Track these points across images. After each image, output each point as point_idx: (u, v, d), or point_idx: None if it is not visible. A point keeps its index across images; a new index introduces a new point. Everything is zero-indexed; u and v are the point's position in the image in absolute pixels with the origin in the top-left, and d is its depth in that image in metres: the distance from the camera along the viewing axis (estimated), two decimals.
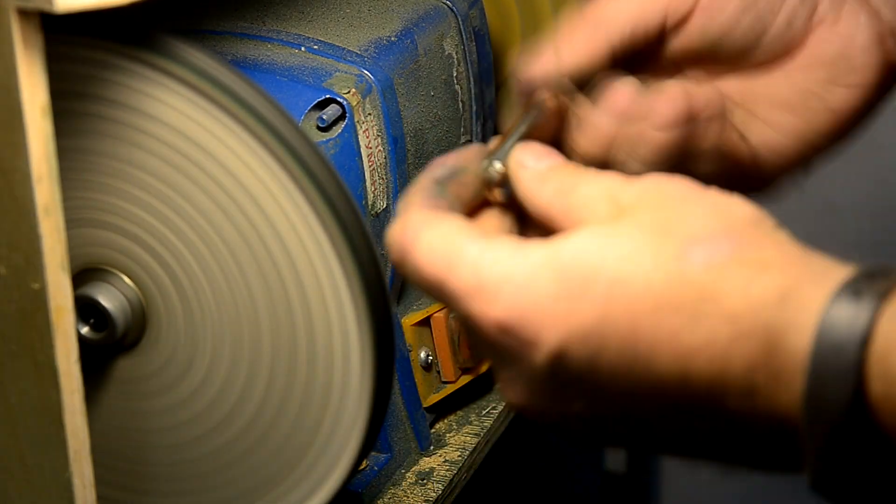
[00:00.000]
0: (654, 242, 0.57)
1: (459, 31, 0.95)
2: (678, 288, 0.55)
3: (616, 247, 0.57)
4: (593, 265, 0.57)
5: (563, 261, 0.57)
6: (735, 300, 0.54)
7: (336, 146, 0.84)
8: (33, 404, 0.66)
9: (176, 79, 0.69)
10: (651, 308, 0.55)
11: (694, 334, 0.55)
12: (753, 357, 0.53)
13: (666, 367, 0.55)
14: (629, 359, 0.56)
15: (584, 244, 0.58)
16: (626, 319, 0.56)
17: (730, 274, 0.55)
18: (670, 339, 0.55)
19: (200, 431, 0.76)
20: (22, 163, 0.61)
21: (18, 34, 0.59)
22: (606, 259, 0.57)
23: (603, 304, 0.56)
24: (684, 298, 0.55)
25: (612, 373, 0.57)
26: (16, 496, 0.68)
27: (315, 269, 0.71)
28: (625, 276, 0.56)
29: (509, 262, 0.58)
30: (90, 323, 0.74)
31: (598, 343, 0.56)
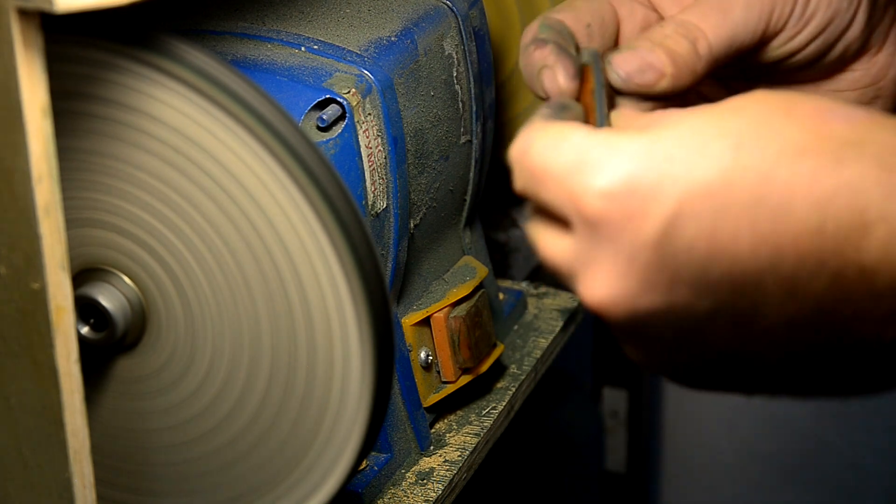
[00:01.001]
0: (785, 108, 0.56)
1: (459, 31, 0.95)
2: (818, 139, 0.54)
3: (744, 112, 0.56)
4: (718, 126, 0.55)
5: (680, 129, 0.56)
6: (881, 147, 0.53)
7: (336, 146, 0.84)
8: (33, 404, 0.66)
9: (176, 79, 0.69)
10: (789, 153, 0.54)
11: (836, 175, 0.53)
12: (882, 241, 0.53)
13: (801, 216, 0.53)
14: (757, 212, 0.54)
15: (705, 115, 0.57)
16: (757, 168, 0.54)
17: (873, 128, 0.54)
18: (810, 182, 0.53)
19: (200, 431, 0.76)
20: (22, 163, 0.61)
21: (18, 34, 0.59)
22: (734, 120, 0.55)
23: (731, 155, 0.54)
24: (825, 145, 0.54)
25: (734, 235, 0.54)
26: (16, 496, 0.68)
27: (315, 269, 0.71)
28: (757, 129, 0.55)
29: (619, 137, 0.57)
30: (90, 323, 0.74)
31: (722, 199, 0.54)
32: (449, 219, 0.99)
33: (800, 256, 0.54)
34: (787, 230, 0.54)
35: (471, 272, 0.98)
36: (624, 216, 0.55)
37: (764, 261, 0.54)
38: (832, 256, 0.53)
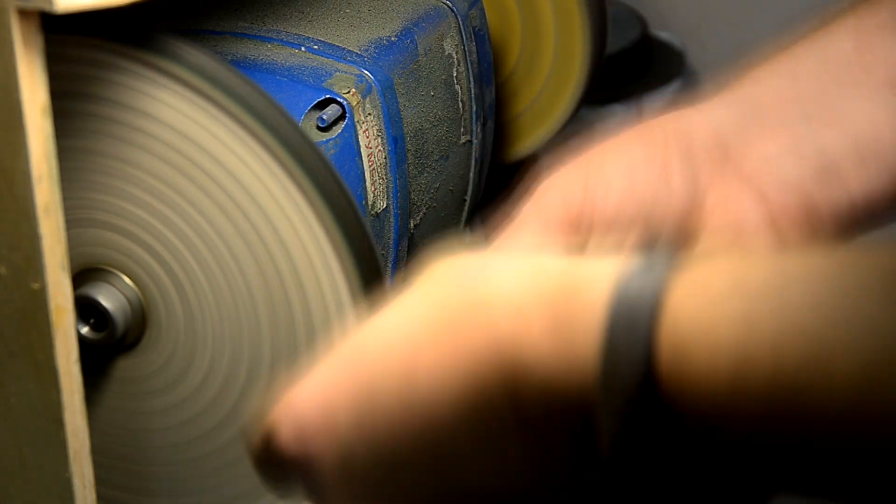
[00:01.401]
0: (410, 296, 0.53)
1: (459, 31, 0.95)
2: (447, 300, 0.51)
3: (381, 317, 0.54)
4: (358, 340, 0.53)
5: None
6: (511, 299, 0.50)
7: (336, 146, 0.84)
8: (33, 404, 0.66)
9: (176, 79, 0.69)
10: (425, 331, 0.51)
11: (475, 337, 0.49)
12: (544, 346, 0.48)
13: (452, 377, 0.50)
14: (407, 385, 0.51)
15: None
16: (403, 356, 0.51)
17: (501, 280, 0.51)
18: (452, 353, 0.50)
19: (200, 431, 0.76)
20: (22, 163, 0.61)
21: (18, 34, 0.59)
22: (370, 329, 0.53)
23: (378, 353, 0.52)
24: (457, 309, 0.50)
25: (389, 421, 0.51)
26: (16, 496, 0.68)
27: (315, 268, 0.71)
28: (388, 322, 0.53)
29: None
30: (90, 323, 0.74)
31: (366, 402, 0.51)
32: (449, 219, 0.99)
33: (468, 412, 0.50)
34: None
35: None
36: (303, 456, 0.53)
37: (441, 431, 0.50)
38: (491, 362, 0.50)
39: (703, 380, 0.45)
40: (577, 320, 0.48)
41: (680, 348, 0.46)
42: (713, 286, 0.47)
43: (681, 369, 0.46)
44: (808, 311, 0.45)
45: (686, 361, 0.46)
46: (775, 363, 0.44)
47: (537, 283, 0.50)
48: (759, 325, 0.45)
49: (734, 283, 0.46)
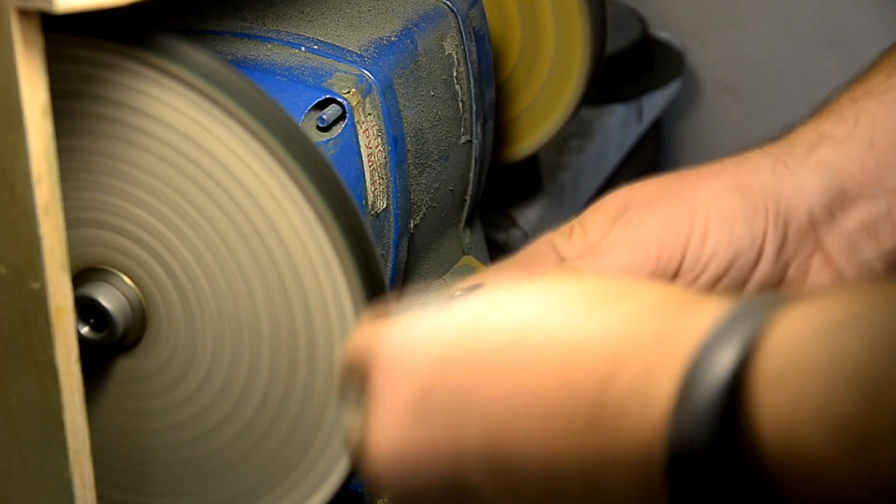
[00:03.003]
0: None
1: (459, 31, 0.95)
2: (572, 297, 0.51)
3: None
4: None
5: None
6: (641, 301, 0.50)
7: (336, 146, 0.84)
8: (33, 404, 0.66)
9: (176, 79, 0.69)
10: (543, 310, 0.52)
11: (585, 326, 0.50)
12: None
13: (551, 366, 0.50)
14: (504, 366, 0.51)
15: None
16: (504, 326, 0.52)
17: (636, 286, 0.51)
18: (559, 334, 0.50)
19: (200, 431, 0.76)
20: (22, 163, 0.61)
21: (18, 34, 0.59)
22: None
23: (474, 318, 0.53)
24: (578, 302, 0.51)
25: (481, 393, 0.51)
26: (16, 496, 0.68)
27: (315, 269, 0.71)
28: (512, 293, 0.53)
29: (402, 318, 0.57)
30: (90, 323, 0.74)
31: (466, 360, 0.52)
32: (449, 219, 0.99)
33: (551, 398, 0.50)
34: (534, 381, 0.50)
35: (471, 272, 0.98)
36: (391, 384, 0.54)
37: (518, 407, 0.51)
38: (582, 399, 0.49)
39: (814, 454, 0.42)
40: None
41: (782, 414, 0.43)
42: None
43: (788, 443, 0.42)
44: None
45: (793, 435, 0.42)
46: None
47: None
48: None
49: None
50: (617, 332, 0.49)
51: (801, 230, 0.71)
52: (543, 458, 0.49)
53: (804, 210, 0.70)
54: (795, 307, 0.45)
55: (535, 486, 0.50)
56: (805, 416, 0.41)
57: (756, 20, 1.60)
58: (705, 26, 1.62)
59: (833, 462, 0.41)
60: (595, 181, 1.37)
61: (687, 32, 1.60)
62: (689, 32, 1.61)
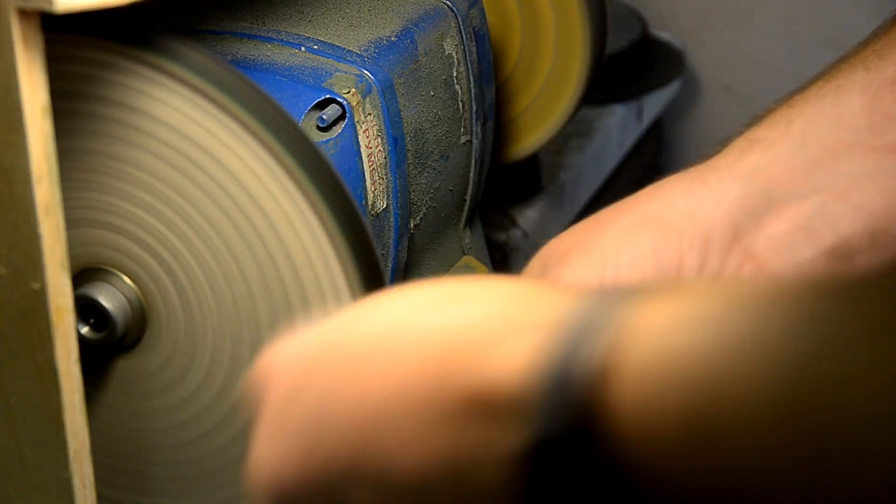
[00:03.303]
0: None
1: (459, 31, 0.95)
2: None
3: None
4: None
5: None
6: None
7: (336, 146, 0.84)
8: (33, 404, 0.66)
9: (176, 79, 0.69)
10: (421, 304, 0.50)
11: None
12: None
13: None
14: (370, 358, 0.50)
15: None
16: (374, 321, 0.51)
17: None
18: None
19: (200, 431, 0.76)
20: (22, 163, 0.61)
21: (18, 34, 0.59)
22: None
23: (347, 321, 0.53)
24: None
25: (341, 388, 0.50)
26: (16, 496, 0.68)
27: (315, 269, 0.71)
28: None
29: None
30: (90, 323, 0.74)
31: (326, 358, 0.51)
32: (449, 219, 0.99)
33: (416, 394, 0.48)
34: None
35: (471, 272, 0.98)
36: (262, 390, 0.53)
37: (382, 404, 0.49)
38: (445, 390, 0.47)
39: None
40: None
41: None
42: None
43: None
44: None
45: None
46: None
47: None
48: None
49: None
50: (474, 322, 0.48)
51: (724, 243, 0.68)
52: (411, 455, 0.48)
53: (725, 222, 0.68)
54: (651, 300, 0.44)
55: (406, 483, 0.48)
56: (656, 408, 0.42)
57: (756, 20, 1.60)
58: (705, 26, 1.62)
59: (677, 453, 0.41)
60: (595, 181, 1.37)
61: (687, 32, 1.60)
62: (689, 32, 1.61)
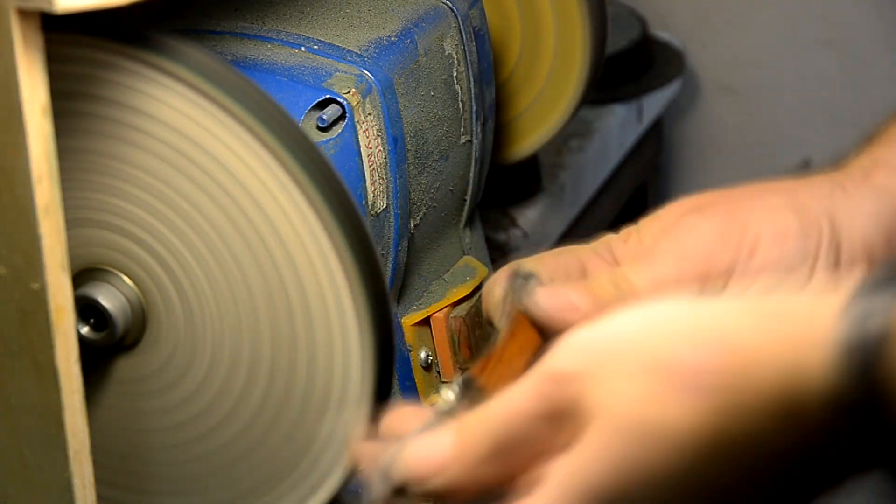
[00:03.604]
0: (650, 403, 0.57)
1: (459, 31, 0.95)
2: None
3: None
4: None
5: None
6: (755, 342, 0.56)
7: (336, 146, 0.84)
8: (33, 404, 0.66)
9: (176, 79, 0.69)
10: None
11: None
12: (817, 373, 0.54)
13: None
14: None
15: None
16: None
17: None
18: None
19: (200, 431, 0.76)
20: (22, 163, 0.61)
21: (18, 34, 0.59)
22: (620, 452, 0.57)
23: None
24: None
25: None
26: (16, 496, 0.68)
27: (315, 269, 0.71)
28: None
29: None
30: (90, 323, 0.74)
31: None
32: (449, 219, 0.99)
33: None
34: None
35: (471, 272, 0.98)
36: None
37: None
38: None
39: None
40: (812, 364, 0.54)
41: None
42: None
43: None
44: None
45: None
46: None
47: (774, 336, 0.55)
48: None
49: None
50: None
51: (855, 254, 0.72)
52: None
53: (859, 234, 0.72)
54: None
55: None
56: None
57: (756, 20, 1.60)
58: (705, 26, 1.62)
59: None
60: (595, 181, 1.37)
61: (687, 32, 1.60)
62: (689, 32, 1.61)
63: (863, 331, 0.53)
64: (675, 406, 0.56)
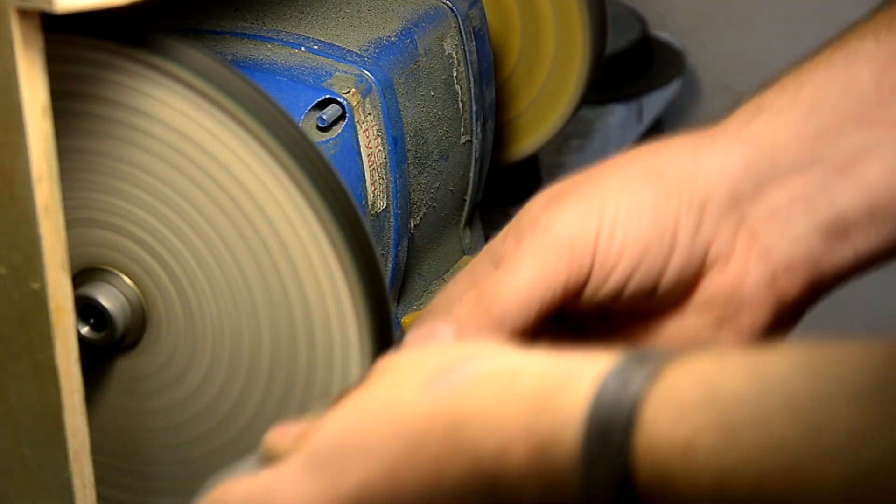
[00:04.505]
0: (392, 394, 0.55)
1: (459, 31, 0.95)
2: (427, 422, 0.53)
3: (355, 413, 0.55)
4: (339, 440, 0.55)
5: (310, 451, 0.56)
6: (491, 416, 0.51)
7: (336, 146, 0.84)
8: (33, 404, 0.66)
9: (175, 79, 0.69)
10: (404, 456, 0.53)
11: (459, 462, 0.52)
12: (526, 465, 0.50)
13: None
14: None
15: (327, 426, 0.56)
16: (386, 477, 0.53)
17: (477, 392, 0.52)
18: (435, 476, 0.52)
19: (200, 431, 0.76)
20: (22, 163, 0.61)
21: (18, 34, 0.59)
22: (349, 429, 0.55)
23: (363, 474, 0.54)
24: (436, 432, 0.52)
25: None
26: (16, 496, 0.68)
27: (315, 269, 0.71)
28: (370, 434, 0.54)
29: (265, 476, 0.57)
30: (90, 323, 0.74)
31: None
32: (449, 219, 0.99)
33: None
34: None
35: None
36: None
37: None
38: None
39: (684, 495, 0.46)
40: (556, 439, 0.49)
41: (659, 467, 0.46)
42: (688, 396, 0.47)
43: (661, 486, 0.46)
44: (787, 419, 0.44)
45: (666, 480, 0.46)
46: (757, 478, 0.44)
47: (515, 394, 0.51)
48: (737, 437, 0.45)
49: (709, 391, 0.46)
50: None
51: (722, 209, 0.68)
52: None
53: (726, 188, 0.68)
54: (674, 365, 0.48)
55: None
56: (672, 464, 0.46)
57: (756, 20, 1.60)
58: (705, 26, 1.62)
59: (694, 498, 0.45)
60: None
61: (687, 32, 1.60)
62: (689, 32, 1.61)
63: (614, 407, 0.48)
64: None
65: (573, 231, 0.66)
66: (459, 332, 0.65)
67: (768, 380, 0.45)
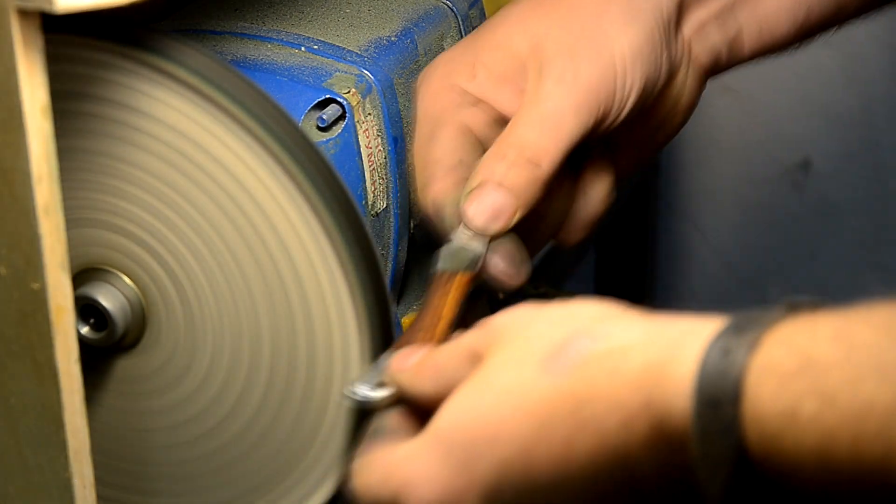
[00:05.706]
0: (514, 376, 0.59)
1: (459, 31, 0.95)
2: (553, 403, 0.56)
3: (482, 399, 0.59)
4: (469, 427, 0.59)
5: (440, 436, 0.60)
6: (608, 393, 0.55)
7: (336, 146, 0.84)
8: (33, 404, 0.66)
9: (175, 79, 0.69)
10: (535, 437, 0.57)
11: (586, 439, 0.55)
12: (646, 438, 0.54)
13: (572, 482, 0.56)
14: (531, 491, 0.57)
15: (454, 411, 0.60)
16: (520, 459, 0.57)
17: (593, 371, 0.56)
18: (565, 454, 0.56)
19: (200, 431, 0.76)
20: (22, 163, 0.61)
21: (18, 34, 0.59)
22: (478, 415, 0.59)
23: (496, 458, 0.58)
24: (562, 411, 0.56)
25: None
26: (16, 496, 0.68)
27: (315, 269, 0.71)
28: (500, 420, 0.58)
29: (401, 454, 0.61)
30: (90, 323, 0.74)
31: (510, 491, 0.58)
32: None
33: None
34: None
35: None
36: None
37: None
38: (618, 496, 0.56)
39: (791, 459, 0.49)
40: (671, 413, 0.52)
41: (767, 435, 0.50)
42: (785, 365, 0.50)
43: (770, 452, 0.50)
44: (875, 383, 0.47)
45: (775, 448, 0.49)
46: (853, 440, 0.47)
47: (627, 371, 0.55)
48: (832, 402, 0.48)
49: (802, 359, 0.49)
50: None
51: (673, 26, 0.81)
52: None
53: (674, 5, 0.81)
54: (769, 335, 0.52)
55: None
56: (778, 431, 0.50)
57: None
58: None
59: (800, 460, 0.49)
60: None
61: None
62: None
63: (720, 380, 0.51)
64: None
65: (599, 82, 0.77)
66: (510, 194, 0.75)
67: (856, 345, 0.49)
